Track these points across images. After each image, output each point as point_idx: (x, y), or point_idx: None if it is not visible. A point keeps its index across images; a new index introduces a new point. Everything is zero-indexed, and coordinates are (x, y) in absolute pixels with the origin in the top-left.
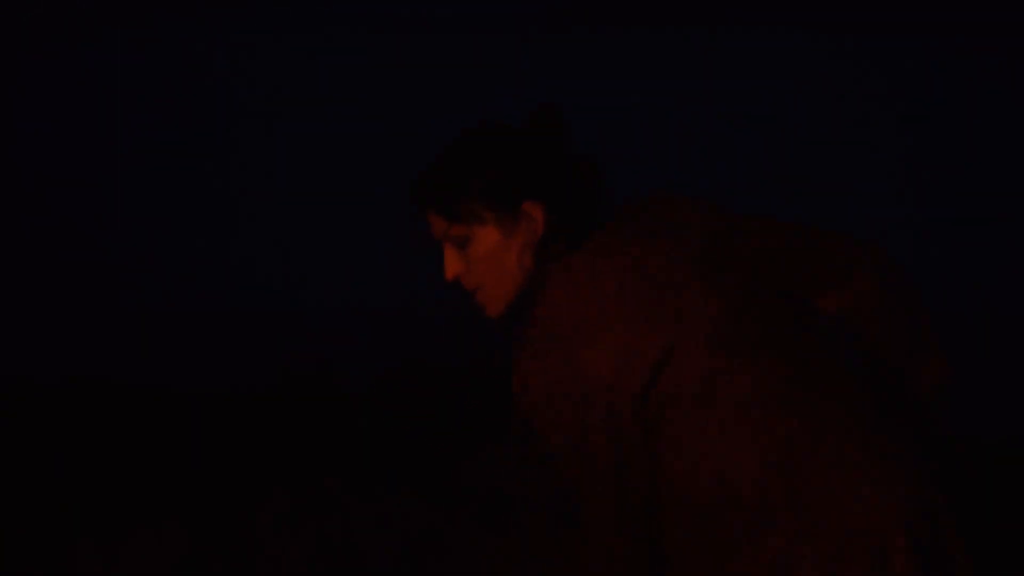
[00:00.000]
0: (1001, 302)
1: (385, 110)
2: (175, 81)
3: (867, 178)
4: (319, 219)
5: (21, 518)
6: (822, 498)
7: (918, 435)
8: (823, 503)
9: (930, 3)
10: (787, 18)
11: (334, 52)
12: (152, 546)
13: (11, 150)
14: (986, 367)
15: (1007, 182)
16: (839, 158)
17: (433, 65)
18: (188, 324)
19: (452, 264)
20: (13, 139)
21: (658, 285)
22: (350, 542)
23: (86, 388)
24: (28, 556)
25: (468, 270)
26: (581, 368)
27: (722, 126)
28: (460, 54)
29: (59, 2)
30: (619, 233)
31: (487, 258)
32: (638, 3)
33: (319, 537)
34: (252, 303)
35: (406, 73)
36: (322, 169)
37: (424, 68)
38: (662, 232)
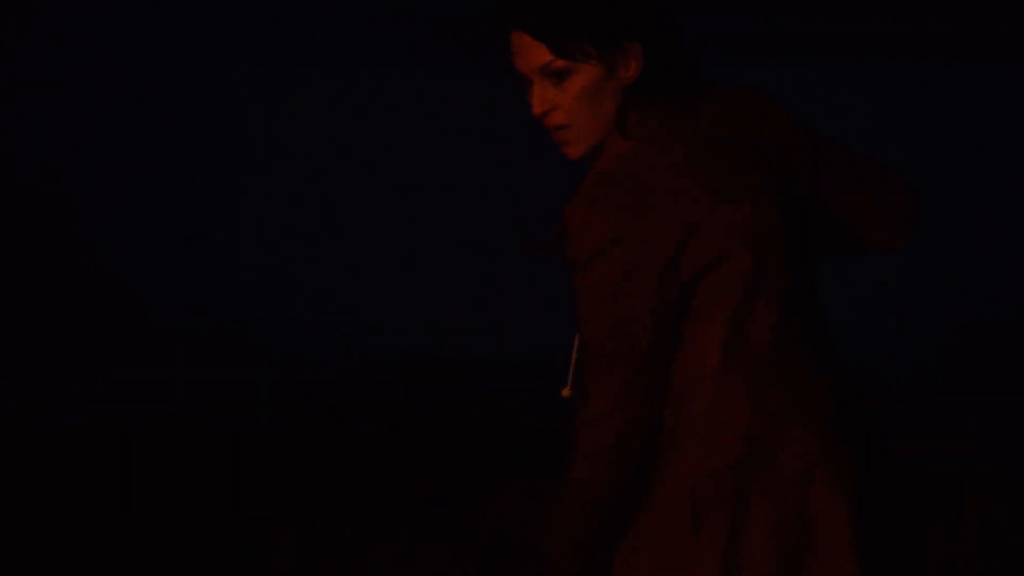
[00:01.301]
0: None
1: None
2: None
3: None
4: (343, 262)
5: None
6: (780, 474)
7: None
8: (780, 479)
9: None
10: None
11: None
12: None
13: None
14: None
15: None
16: None
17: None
18: (202, 360)
19: (544, 97)
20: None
21: (724, 183)
22: None
23: (95, 422)
24: None
25: (559, 105)
26: (640, 231)
27: None
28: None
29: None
30: (705, 108)
31: (584, 95)
32: None
33: None
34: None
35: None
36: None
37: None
38: (747, 135)
